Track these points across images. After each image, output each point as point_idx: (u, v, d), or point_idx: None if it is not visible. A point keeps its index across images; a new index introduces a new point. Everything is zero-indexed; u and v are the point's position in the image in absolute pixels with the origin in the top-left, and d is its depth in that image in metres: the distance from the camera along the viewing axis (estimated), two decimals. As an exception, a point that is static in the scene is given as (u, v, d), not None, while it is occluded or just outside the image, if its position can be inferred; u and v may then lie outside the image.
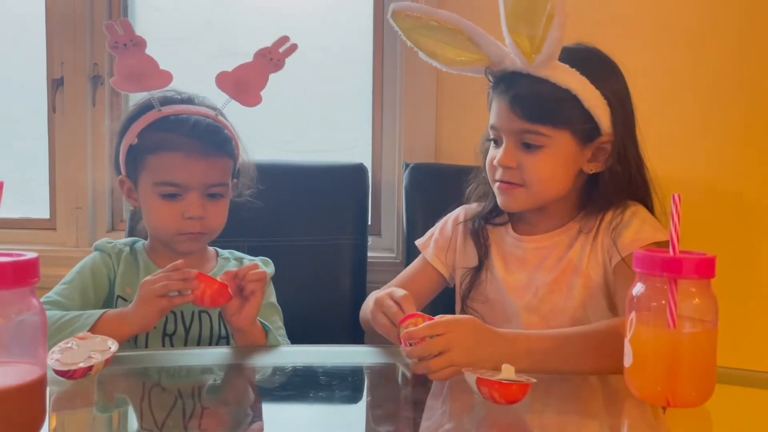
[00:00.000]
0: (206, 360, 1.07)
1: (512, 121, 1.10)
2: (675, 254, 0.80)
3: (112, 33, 1.17)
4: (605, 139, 1.11)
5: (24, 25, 1.87)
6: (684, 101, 1.66)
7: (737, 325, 1.38)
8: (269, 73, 1.23)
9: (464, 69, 1.16)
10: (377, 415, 0.86)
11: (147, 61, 1.20)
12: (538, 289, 1.14)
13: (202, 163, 1.20)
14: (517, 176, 1.12)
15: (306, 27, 1.83)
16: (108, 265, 1.24)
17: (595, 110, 1.09)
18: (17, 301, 0.65)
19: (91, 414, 0.86)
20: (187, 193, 1.20)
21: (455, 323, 0.92)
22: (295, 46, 1.22)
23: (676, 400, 0.80)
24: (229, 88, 1.23)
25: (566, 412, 0.88)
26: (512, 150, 1.11)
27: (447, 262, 1.26)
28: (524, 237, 1.18)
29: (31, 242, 1.81)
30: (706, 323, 0.80)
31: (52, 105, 1.82)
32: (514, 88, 1.09)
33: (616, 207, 1.13)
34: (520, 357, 0.89)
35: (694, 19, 1.65)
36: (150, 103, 1.23)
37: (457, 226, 1.26)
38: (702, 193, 1.63)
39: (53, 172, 1.84)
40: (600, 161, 1.13)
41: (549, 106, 1.08)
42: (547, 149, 1.10)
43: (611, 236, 1.10)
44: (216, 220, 1.23)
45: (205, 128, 1.20)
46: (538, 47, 1.04)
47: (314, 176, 1.63)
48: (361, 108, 1.83)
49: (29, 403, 0.66)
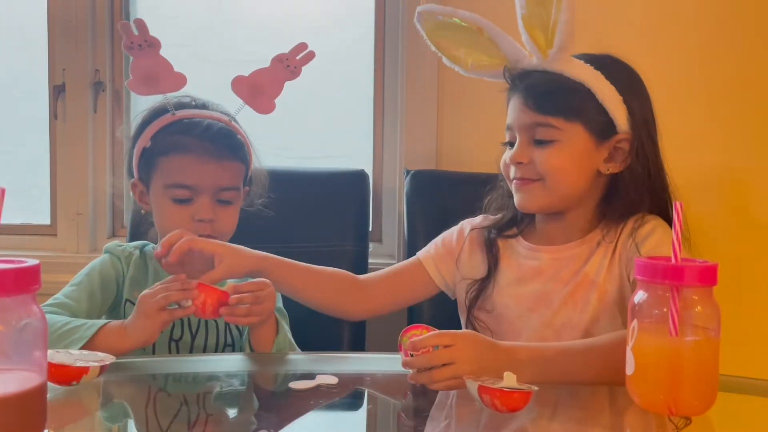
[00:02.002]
0: (211, 367, 1.07)
1: (525, 115, 1.10)
2: (677, 262, 0.80)
3: (128, 33, 1.17)
4: (622, 137, 1.10)
5: (26, 31, 1.87)
6: (684, 107, 1.66)
7: (739, 332, 1.38)
8: (285, 80, 1.22)
9: (483, 73, 1.18)
10: (378, 423, 0.86)
11: (161, 63, 1.20)
12: (552, 302, 1.12)
13: (214, 165, 1.20)
14: (531, 171, 1.10)
15: (307, 34, 1.83)
16: (117, 268, 1.24)
17: (610, 105, 1.08)
18: (18, 308, 0.65)
19: (94, 420, 0.86)
20: (198, 195, 1.20)
21: (460, 336, 0.91)
22: (312, 54, 1.21)
23: (679, 408, 0.80)
24: (245, 93, 1.22)
25: (570, 421, 0.88)
26: (524, 146, 1.11)
27: (443, 271, 1.23)
28: (542, 247, 1.16)
29: (31, 248, 1.81)
30: (709, 331, 0.80)
31: (53, 111, 1.82)
32: (529, 82, 1.10)
33: (637, 218, 1.11)
34: (522, 369, 0.89)
35: (704, 22, 1.66)
36: (164, 108, 1.23)
37: (465, 237, 1.23)
38: (704, 199, 1.63)
39: (54, 178, 1.84)
40: (617, 162, 1.11)
41: (561, 98, 1.08)
42: (560, 143, 1.09)
43: (631, 250, 1.08)
44: (226, 225, 1.23)
45: (217, 131, 1.21)
46: (551, 40, 1.06)
47: (315, 183, 1.63)
48: (362, 114, 1.83)
49: (29, 411, 0.66)
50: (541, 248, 1.16)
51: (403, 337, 0.95)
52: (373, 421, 0.87)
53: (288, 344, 1.17)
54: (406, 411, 0.93)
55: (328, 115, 1.86)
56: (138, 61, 1.19)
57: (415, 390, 0.92)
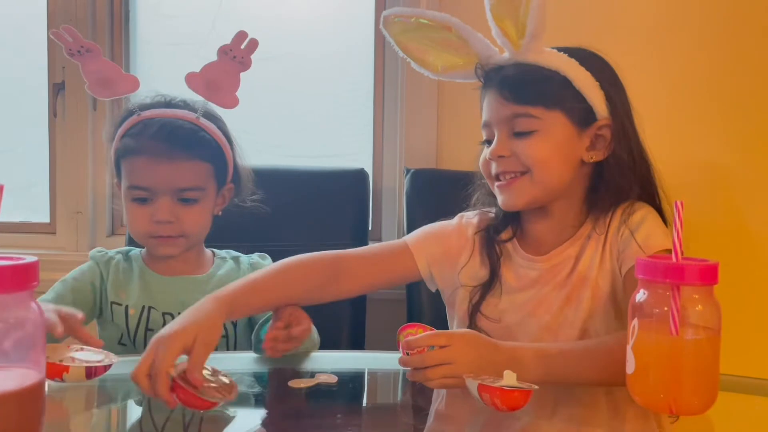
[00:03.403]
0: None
1: (502, 107, 1.07)
2: (677, 260, 0.80)
3: (62, 40, 1.18)
4: (602, 123, 1.08)
5: (25, 29, 1.87)
6: (684, 105, 1.66)
7: (740, 332, 1.37)
8: (238, 73, 1.21)
9: (454, 75, 1.14)
10: (378, 421, 0.86)
11: (108, 67, 1.21)
12: (551, 306, 1.11)
13: (168, 166, 1.19)
14: (513, 164, 1.07)
15: (307, 32, 1.83)
16: (95, 273, 1.26)
17: (587, 91, 1.06)
18: (16, 305, 0.64)
19: (90, 418, 0.86)
20: (157, 196, 1.20)
21: (457, 336, 0.91)
22: (255, 42, 1.19)
23: (679, 407, 0.79)
24: (201, 89, 1.21)
25: (570, 420, 0.87)
26: (504, 139, 1.07)
27: (435, 271, 1.17)
28: (537, 257, 1.13)
29: (30, 246, 1.81)
30: (709, 330, 0.80)
31: (53, 109, 1.82)
32: (503, 75, 1.07)
33: (626, 206, 1.09)
34: (525, 369, 0.88)
35: (694, 20, 1.66)
36: (133, 109, 1.24)
37: (471, 241, 1.18)
38: (703, 198, 1.63)
39: (54, 176, 1.84)
40: (600, 149, 1.09)
41: (538, 87, 1.06)
42: (540, 133, 1.06)
43: (621, 242, 1.06)
44: (190, 225, 1.22)
45: (171, 131, 1.20)
46: (522, 30, 1.03)
47: (315, 181, 1.63)
48: (362, 113, 1.83)
49: (27, 408, 0.65)
50: (537, 258, 1.13)
51: (400, 335, 0.95)
52: (372, 419, 0.87)
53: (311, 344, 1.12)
54: (405, 409, 0.93)
55: (327, 114, 1.86)
56: (85, 66, 1.20)
57: (414, 388, 0.92)
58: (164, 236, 1.21)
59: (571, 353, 0.95)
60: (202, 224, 1.25)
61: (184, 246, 1.24)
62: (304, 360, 1.07)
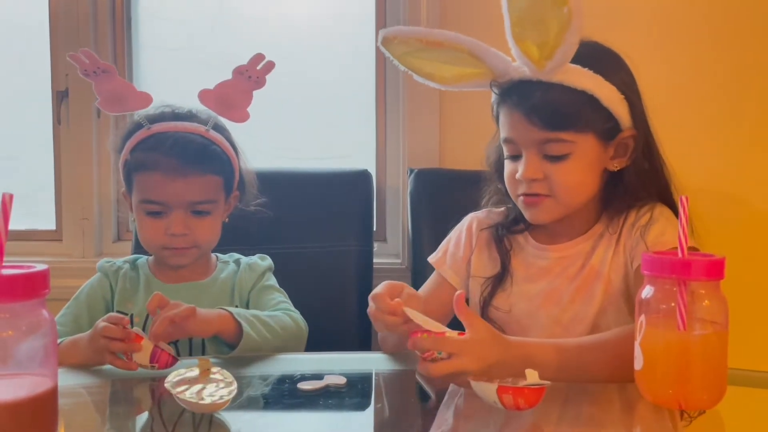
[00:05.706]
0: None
1: (531, 132, 1.06)
2: (684, 256, 0.80)
3: (80, 62, 1.19)
4: (626, 134, 1.09)
5: (28, 36, 1.87)
6: (691, 102, 1.66)
7: (747, 326, 1.37)
8: (251, 90, 1.23)
9: (464, 85, 1.12)
10: (387, 422, 0.86)
11: (123, 86, 1.22)
12: (562, 298, 1.12)
13: (182, 182, 1.20)
14: (544, 187, 1.08)
15: (310, 34, 1.83)
16: (104, 285, 1.27)
17: (614, 107, 1.06)
18: (28, 313, 0.65)
19: (104, 425, 0.86)
20: (171, 210, 1.22)
21: (466, 344, 0.89)
22: (272, 64, 1.22)
23: (688, 402, 0.80)
24: (212, 105, 1.23)
25: (580, 416, 0.88)
26: (535, 161, 1.07)
27: (462, 275, 1.22)
28: (548, 246, 1.15)
29: (37, 254, 1.81)
30: (716, 325, 0.80)
31: (56, 116, 1.82)
32: (529, 98, 1.05)
33: (641, 206, 1.10)
34: (538, 366, 0.87)
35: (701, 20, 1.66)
36: (142, 121, 1.24)
37: (474, 236, 1.22)
38: (710, 193, 1.63)
39: (59, 183, 1.85)
40: (623, 157, 1.10)
41: (570, 112, 1.05)
42: (573, 156, 1.06)
43: (635, 237, 1.07)
44: (203, 236, 1.24)
45: (184, 147, 1.21)
46: (550, 53, 1.00)
47: (319, 183, 1.63)
48: (364, 114, 1.83)
49: (41, 415, 0.66)
50: (548, 247, 1.15)
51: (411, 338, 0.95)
52: (381, 420, 0.87)
53: (264, 344, 1.12)
54: (413, 410, 0.93)
55: (331, 115, 1.86)
56: (98, 86, 1.21)
57: (422, 389, 0.92)
58: (178, 248, 1.23)
59: (582, 347, 0.96)
60: (214, 234, 1.27)
61: (196, 256, 1.26)
62: (312, 362, 1.07)
